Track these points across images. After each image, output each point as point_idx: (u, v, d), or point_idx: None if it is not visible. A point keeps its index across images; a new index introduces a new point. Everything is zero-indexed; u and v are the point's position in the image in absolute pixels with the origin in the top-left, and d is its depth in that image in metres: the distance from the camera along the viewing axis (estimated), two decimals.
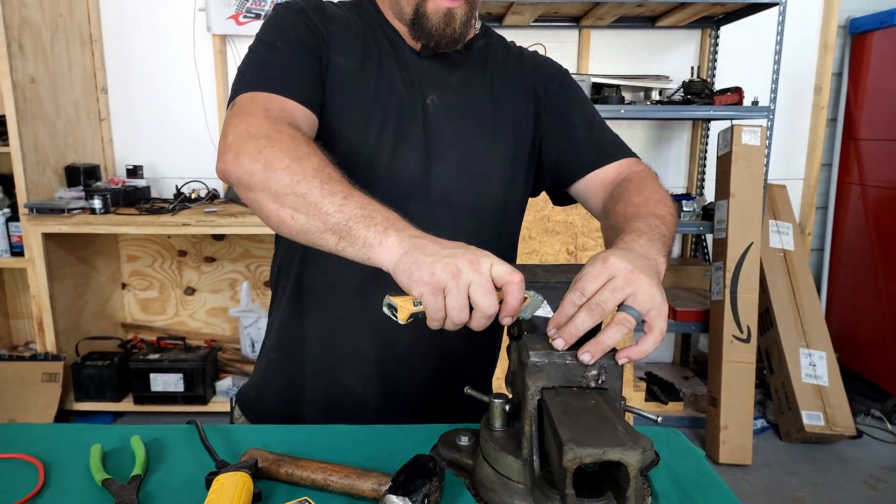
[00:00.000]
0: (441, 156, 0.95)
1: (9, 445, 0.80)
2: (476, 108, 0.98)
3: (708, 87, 2.87)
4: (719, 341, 2.70)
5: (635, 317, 0.64)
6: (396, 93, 0.94)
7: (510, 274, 0.64)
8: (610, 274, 0.65)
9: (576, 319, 0.64)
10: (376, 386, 0.97)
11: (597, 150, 1.01)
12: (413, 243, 0.66)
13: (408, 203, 0.92)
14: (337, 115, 0.91)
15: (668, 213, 0.86)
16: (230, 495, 0.64)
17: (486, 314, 0.63)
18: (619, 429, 0.56)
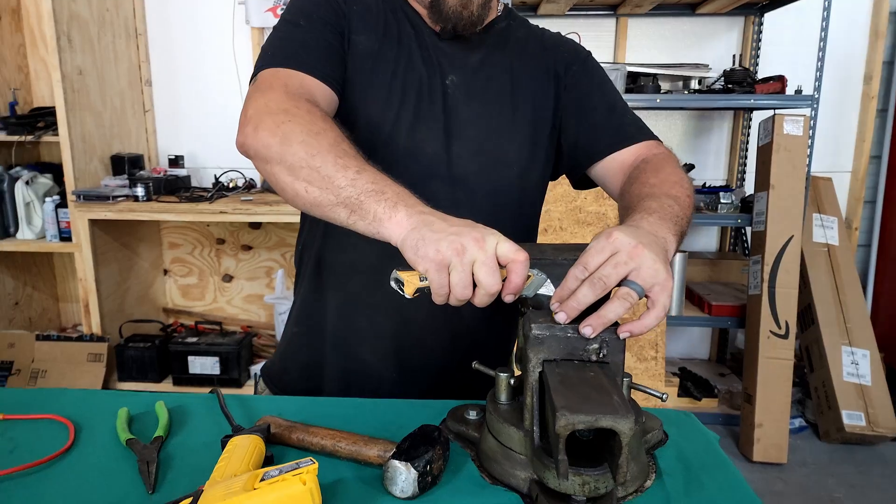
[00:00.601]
0: (459, 136, 0.95)
1: (43, 407, 0.85)
2: (495, 88, 0.98)
3: (750, 76, 2.79)
4: (755, 336, 2.63)
5: (638, 292, 0.64)
6: (416, 72, 0.95)
7: (515, 252, 0.65)
8: (613, 249, 0.65)
9: (578, 293, 0.65)
10: (392, 361, 0.99)
11: (616, 133, 1.00)
12: (421, 219, 0.67)
13: (426, 182, 0.93)
14: (357, 94, 0.93)
15: (683, 195, 0.85)
16: (242, 455, 0.66)
17: (488, 292, 0.64)
18: (615, 398, 0.56)
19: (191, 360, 2.76)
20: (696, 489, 0.68)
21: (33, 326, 3.11)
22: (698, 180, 3.12)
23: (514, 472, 0.67)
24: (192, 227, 3.20)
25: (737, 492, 0.68)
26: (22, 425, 0.81)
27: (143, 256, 3.07)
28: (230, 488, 0.57)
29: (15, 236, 2.78)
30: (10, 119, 2.77)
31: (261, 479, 0.58)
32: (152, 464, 0.71)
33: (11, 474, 0.69)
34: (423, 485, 0.65)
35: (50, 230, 2.72)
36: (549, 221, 2.69)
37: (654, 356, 2.70)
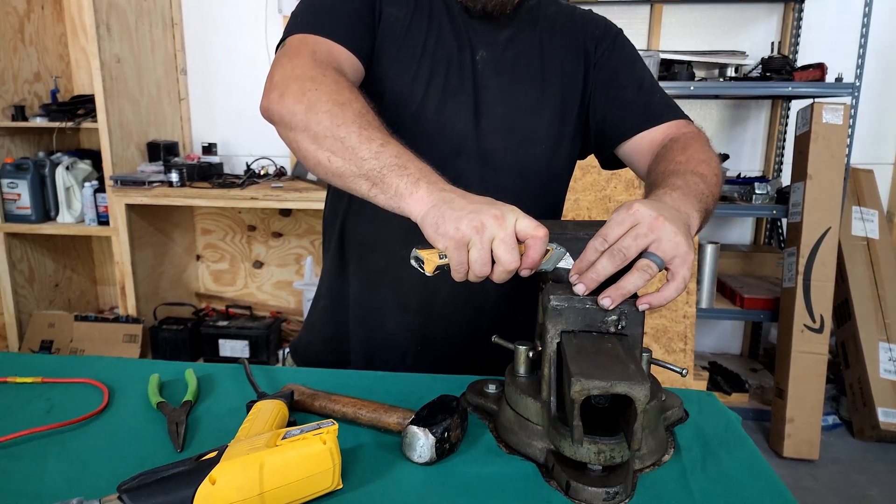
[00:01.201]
0: (487, 113, 0.95)
1: (80, 372, 0.88)
2: (524, 64, 0.98)
3: (789, 64, 2.72)
4: (789, 330, 2.58)
5: (658, 263, 0.64)
6: (446, 47, 0.94)
7: (535, 229, 0.64)
8: (634, 221, 0.65)
9: (597, 265, 0.65)
10: (416, 335, 1.00)
11: (645, 111, 0.99)
12: (442, 197, 0.67)
13: (454, 159, 0.94)
14: (385, 66, 0.93)
15: (710, 173, 0.84)
16: (265, 418, 0.68)
17: (506, 269, 0.64)
18: (630, 366, 0.56)
19: (221, 342, 2.82)
20: (713, 464, 0.68)
21: (72, 308, 3.21)
22: (733, 171, 3.06)
23: (530, 442, 0.68)
24: (224, 213, 3.27)
25: (754, 468, 0.68)
26: (59, 388, 0.84)
27: (177, 242, 3.15)
28: (253, 444, 0.58)
29: (56, 220, 2.88)
30: (52, 106, 2.86)
31: (282, 438, 0.60)
32: (181, 425, 0.73)
33: (48, 431, 0.72)
34: (441, 451, 0.66)
35: (89, 214, 2.80)
36: (578, 210, 2.67)
37: (682, 348, 2.67)
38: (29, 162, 2.78)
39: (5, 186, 2.79)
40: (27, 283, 2.97)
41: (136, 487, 0.53)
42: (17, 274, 2.91)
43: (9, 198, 2.80)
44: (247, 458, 0.56)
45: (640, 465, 0.66)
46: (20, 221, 2.82)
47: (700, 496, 0.63)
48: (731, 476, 0.66)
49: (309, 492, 0.59)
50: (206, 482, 0.54)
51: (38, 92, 2.98)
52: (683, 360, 2.65)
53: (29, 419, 0.76)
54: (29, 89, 2.93)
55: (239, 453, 0.57)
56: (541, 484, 0.64)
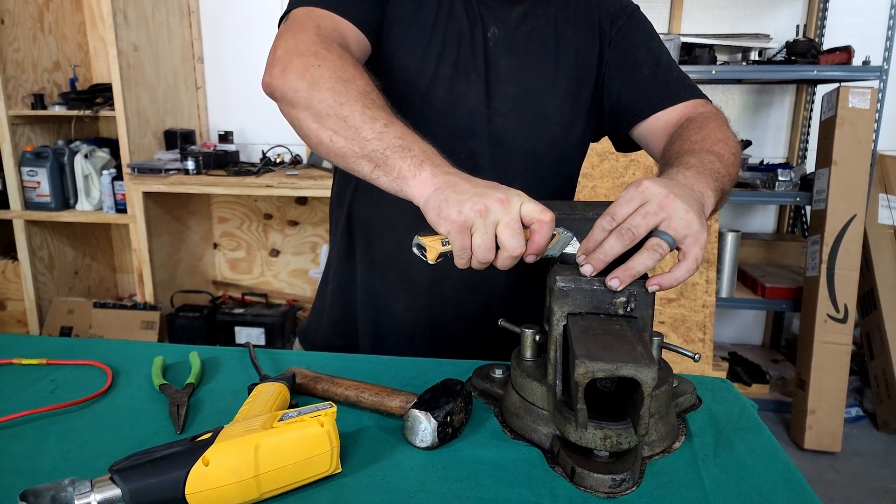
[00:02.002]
0: (499, 91, 0.93)
1: (86, 354, 0.88)
2: (537, 42, 0.95)
3: (815, 47, 2.64)
4: (811, 320, 2.52)
5: (669, 242, 0.61)
6: (457, 23, 0.92)
7: (541, 213, 0.62)
8: (643, 198, 0.62)
9: (605, 245, 0.62)
10: (424, 318, 0.98)
11: (662, 91, 0.96)
12: (446, 180, 0.65)
13: (465, 139, 0.92)
14: (394, 44, 0.90)
15: (727, 153, 0.80)
16: (265, 400, 0.67)
17: (511, 254, 0.62)
18: (637, 348, 0.54)
19: (237, 330, 2.84)
20: (726, 451, 0.65)
21: (91, 295, 3.25)
22: (756, 157, 2.99)
23: (535, 427, 0.66)
24: (240, 201, 3.28)
25: (768, 455, 0.65)
26: (64, 370, 0.84)
27: (194, 230, 3.17)
28: (249, 426, 0.57)
29: (74, 208, 2.91)
30: (71, 94, 2.89)
31: (279, 420, 0.58)
32: (182, 407, 0.73)
33: (50, 411, 0.72)
34: (443, 435, 0.65)
35: (107, 202, 2.83)
36: (596, 197, 2.63)
37: (701, 338, 2.62)
38: (48, 150, 2.81)
39: (25, 174, 2.82)
40: (47, 270, 3.02)
41: (129, 468, 0.52)
42: (37, 261, 2.95)
43: (28, 185, 2.84)
44: (242, 440, 0.55)
45: (649, 451, 0.64)
46: (40, 209, 2.86)
47: (711, 484, 0.61)
48: (745, 464, 0.64)
49: (306, 475, 0.57)
50: (200, 463, 0.52)
51: (58, 81, 3.00)
52: (702, 350, 2.61)
53: (33, 400, 0.76)
54: (48, 78, 2.95)
55: (234, 435, 0.56)
56: (545, 470, 0.62)
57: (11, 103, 2.76)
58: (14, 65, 2.76)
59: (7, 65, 2.72)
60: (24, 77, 2.82)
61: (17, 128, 2.82)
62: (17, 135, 2.82)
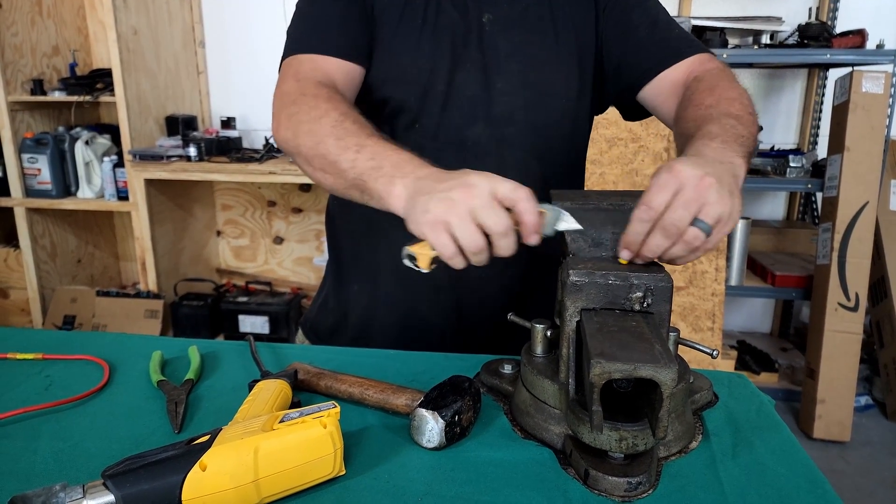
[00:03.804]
0: (501, 71, 0.91)
1: (82, 348, 0.86)
2: (533, 16, 0.93)
3: (827, 31, 2.58)
4: (822, 309, 2.48)
5: (705, 231, 0.58)
6: (448, 15, 0.91)
7: (514, 191, 0.60)
8: (679, 184, 0.59)
9: (650, 243, 0.60)
10: (451, 314, 0.96)
11: (662, 49, 0.93)
12: (416, 187, 0.64)
13: (469, 126, 0.91)
14: (387, 48, 0.90)
15: (745, 112, 0.78)
16: (266, 399, 0.65)
17: (499, 234, 0.59)
18: (656, 347, 0.51)
19: (241, 318, 2.82)
20: (745, 451, 0.63)
21: (95, 284, 3.24)
22: (766, 143, 2.93)
23: (547, 426, 0.63)
24: (244, 189, 3.25)
25: (788, 455, 0.63)
26: (60, 365, 0.82)
27: (198, 217, 3.14)
28: (248, 428, 0.55)
29: (76, 195, 2.88)
30: (70, 80, 2.85)
31: (280, 421, 0.56)
32: (180, 405, 0.70)
33: (43, 410, 0.70)
34: (451, 435, 0.62)
35: (108, 189, 2.80)
36: (605, 184, 2.59)
37: (710, 327, 2.59)
38: (48, 136, 2.78)
39: (25, 161, 2.79)
40: (50, 259, 3.00)
41: (122, 473, 0.49)
42: (39, 249, 2.93)
43: (29, 173, 2.81)
44: (240, 443, 0.52)
45: (666, 452, 0.61)
46: (41, 196, 2.83)
47: (730, 486, 0.58)
48: (764, 464, 0.61)
49: (308, 478, 0.55)
50: (197, 468, 0.50)
51: (57, 65, 2.97)
52: (711, 339, 2.58)
53: (26, 396, 0.74)
54: (47, 63, 2.92)
55: (232, 437, 0.53)
56: (557, 471, 0.59)
57: (10, 89, 2.73)
58: (12, 49, 2.72)
59: (5, 50, 2.68)
60: (23, 62, 2.79)
61: (16, 114, 2.79)
62: (16, 121, 2.79)
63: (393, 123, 0.93)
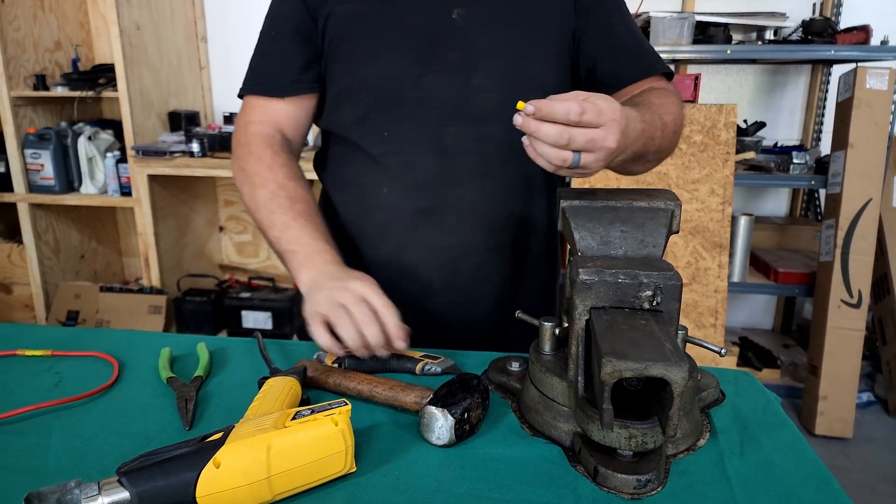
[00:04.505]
0: (479, 67, 0.90)
1: (91, 345, 0.86)
2: (509, 9, 0.92)
3: (831, 26, 2.57)
4: (825, 305, 2.48)
5: (575, 163, 0.64)
6: (411, 18, 0.90)
7: (383, 304, 0.75)
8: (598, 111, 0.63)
9: (544, 128, 0.63)
10: (449, 318, 0.96)
11: (639, 60, 0.95)
12: (314, 281, 0.79)
13: (448, 127, 0.90)
14: (354, 60, 0.91)
15: (671, 125, 0.84)
16: (276, 396, 0.65)
17: (363, 321, 0.73)
18: (666, 345, 0.51)
19: (244, 314, 2.83)
20: (752, 449, 0.63)
21: (98, 279, 3.24)
22: (769, 139, 2.93)
23: (556, 423, 0.63)
24: None
25: (796, 452, 0.63)
26: (69, 361, 0.82)
27: (200, 213, 3.14)
28: (260, 425, 0.55)
29: (79, 191, 2.88)
30: (73, 75, 2.85)
31: (292, 418, 0.56)
32: (190, 401, 0.71)
33: (54, 406, 0.70)
34: (461, 433, 0.62)
35: (111, 185, 2.80)
36: (607, 181, 2.59)
37: (713, 323, 2.60)
38: (51, 132, 2.78)
39: (28, 157, 2.79)
40: (53, 255, 3.00)
41: (137, 469, 0.50)
42: (42, 245, 2.93)
43: (32, 168, 2.81)
44: (253, 440, 0.52)
45: (674, 450, 0.61)
46: (44, 192, 2.83)
47: (738, 483, 0.58)
48: (772, 461, 0.61)
49: (320, 475, 0.55)
50: (211, 465, 0.50)
51: (59, 61, 2.96)
52: (714, 335, 2.58)
53: (37, 393, 0.74)
54: (50, 58, 2.91)
55: (245, 435, 0.53)
56: (566, 469, 0.60)
57: (13, 84, 2.72)
58: (15, 44, 2.72)
59: (8, 45, 2.68)
60: (26, 57, 2.78)
61: (19, 109, 2.79)
62: (19, 116, 2.79)
63: (363, 133, 0.92)
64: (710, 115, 2.51)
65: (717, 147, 2.53)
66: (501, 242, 0.96)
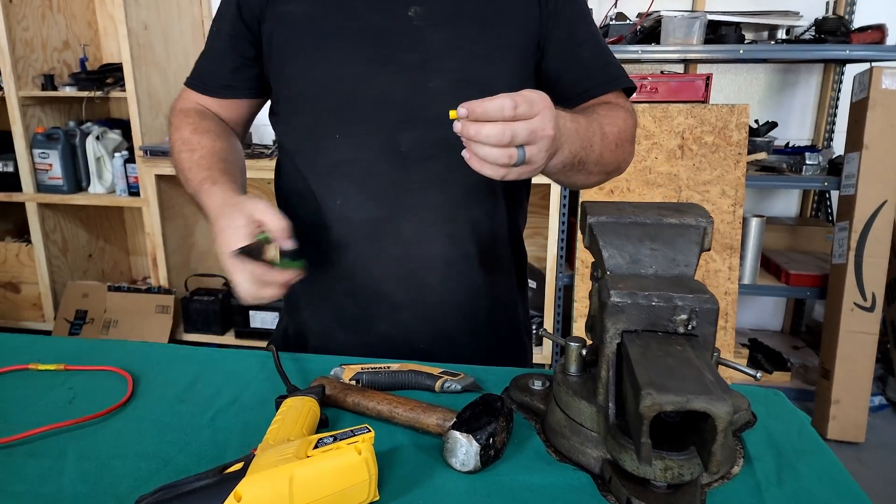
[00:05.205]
0: (435, 69, 0.86)
1: (104, 357, 0.85)
2: (469, 10, 0.88)
3: (845, 25, 2.54)
4: (837, 309, 2.46)
5: (520, 159, 0.65)
6: (364, 16, 0.87)
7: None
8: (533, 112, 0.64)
9: (485, 128, 0.63)
10: (418, 330, 0.93)
11: (602, 74, 0.93)
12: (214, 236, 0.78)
13: (404, 131, 0.87)
14: (298, 63, 0.88)
15: (612, 138, 0.83)
16: (295, 418, 0.63)
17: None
18: (707, 376, 0.49)
19: (252, 314, 2.81)
20: (791, 477, 0.61)
21: (106, 278, 3.24)
22: (781, 140, 2.90)
23: (584, 449, 0.61)
24: (253, 183, 3.23)
25: (836, 481, 0.61)
26: (82, 376, 0.81)
27: None
28: (282, 454, 0.53)
29: (87, 191, 2.88)
30: (81, 75, 2.83)
31: (314, 447, 0.54)
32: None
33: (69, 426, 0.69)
34: (486, 459, 0.61)
35: (119, 185, 2.79)
36: (617, 182, 2.56)
37: (723, 326, 2.57)
38: (59, 132, 2.77)
39: (37, 157, 2.78)
40: (61, 254, 3.00)
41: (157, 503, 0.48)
42: (50, 244, 2.93)
43: (40, 168, 2.80)
44: (275, 471, 0.51)
45: (708, 479, 0.59)
46: (52, 192, 2.83)
47: None
48: (811, 492, 0.59)
49: None
50: (232, 498, 0.49)
51: (67, 60, 2.95)
52: (724, 338, 2.56)
53: (50, 409, 0.73)
54: (58, 57, 2.90)
55: (266, 465, 0.52)
56: (597, 498, 0.58)
57: (21, 84, 2.71)
58: (23, 44, 2.71)
59: (16, 44, 2.67)
60: (34, 57, 2.77)
61: (27, 109, 2.78)
62: (27, 116, 2.78)
63: (316, 138, 0.89)
64: (722, 116, 2.48)
65: (729, 148, 2.50)
66: (466, 252, 0.92)
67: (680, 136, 2.51)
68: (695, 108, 2.49)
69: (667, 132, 2.50)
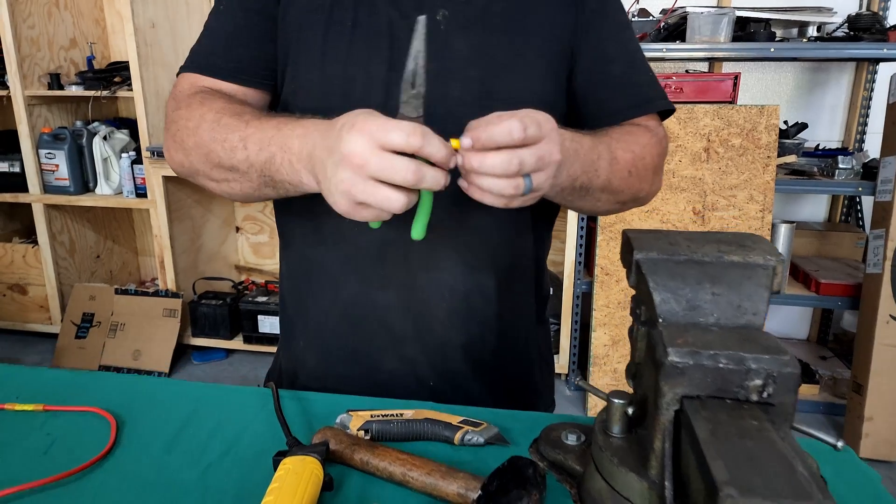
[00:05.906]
0: (457, 78, 0.77)
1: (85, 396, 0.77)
2: (498, 14, 0.79)
3: (879, 22, 2.41)
4: (871, 321, 2.34)
5: (527, 187, 0.60)
6: (385, 15, 0.78)
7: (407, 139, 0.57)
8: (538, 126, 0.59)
9: (489, 158, 0.58)
10: (423, 365, 0.84)
11: (634, 94, 0.84)
12: (311, 165, 0.63)
13: None
14: (311, 57, 0.79)
15: (626, 160, 0.76)
16: (294, 484, 0.55)
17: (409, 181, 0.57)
18: (800, 470, 0.40)
19: (260, 318, 2.75)
20: None
21: (114, 279, 3.18)
22: (811, 141, 2.78)
23: None
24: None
25: None
26: (62, 418, 0.73)
27: (216, 213, 3.06)
28: None
29: (94, 192, 2.82)
30: (88, 73, 2.77)
31: None
32: None
33: (46, 485, 0.61)
34: None
35: (126, 186, 2.73)
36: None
37: None
38: (66, 132, 2.71)
39: (43, 157, 2.73)
40: (68, 255, 2.94)
41: None
42: (57, 245, 2.88)
43: (47, 168, 2.74)
44: None
45: None
46: (59, 193, 2.77)
47: None
48: None
49: None
50: None
51: (74, 58, 2.89)
52: None
53: (26, 457, 0.65)
54: (65, 56, 2.84)
55: None
56: None
57: (27, 83, 2.65)
58: (29, 42, 2.65)
59: (22, 43, 2.61)
60: (40, 55, 2.71)
61: (33, 108, 2.72)
62: (33, 116, 2.72)
63: None
64: (751, 117, 2.36)
65: (758, 151, 2.38)
66: (482, 282, 0.83)
67: (706, 138, 2.39)
68: (722, 109, 2.37)
69: (691, 134, 2.40)
